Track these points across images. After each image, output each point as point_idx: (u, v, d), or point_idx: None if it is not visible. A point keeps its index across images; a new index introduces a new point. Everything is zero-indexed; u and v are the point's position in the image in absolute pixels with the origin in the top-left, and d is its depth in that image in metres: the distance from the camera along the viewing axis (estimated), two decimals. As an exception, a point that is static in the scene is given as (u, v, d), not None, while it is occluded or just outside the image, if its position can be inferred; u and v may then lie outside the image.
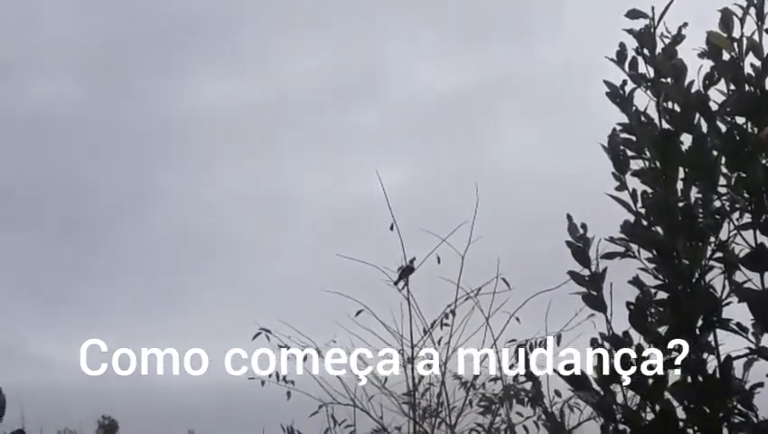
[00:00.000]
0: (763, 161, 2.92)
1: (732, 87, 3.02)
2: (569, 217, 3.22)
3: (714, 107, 3.05)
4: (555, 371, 3.03)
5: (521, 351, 4.14)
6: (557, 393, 5.52)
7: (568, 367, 2.99)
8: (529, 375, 3.46)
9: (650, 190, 3.12)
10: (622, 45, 3.18)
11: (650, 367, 2.96)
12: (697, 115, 3.05)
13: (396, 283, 6.39)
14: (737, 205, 3.01)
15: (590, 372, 3.10)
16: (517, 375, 5.98)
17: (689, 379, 2.99)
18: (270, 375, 6.66)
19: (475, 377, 6.33)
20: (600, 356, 2.99)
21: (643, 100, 3.16)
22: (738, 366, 3.01)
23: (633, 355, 2.98)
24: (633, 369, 2.96)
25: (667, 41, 3.12)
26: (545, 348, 6.04)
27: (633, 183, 3.18)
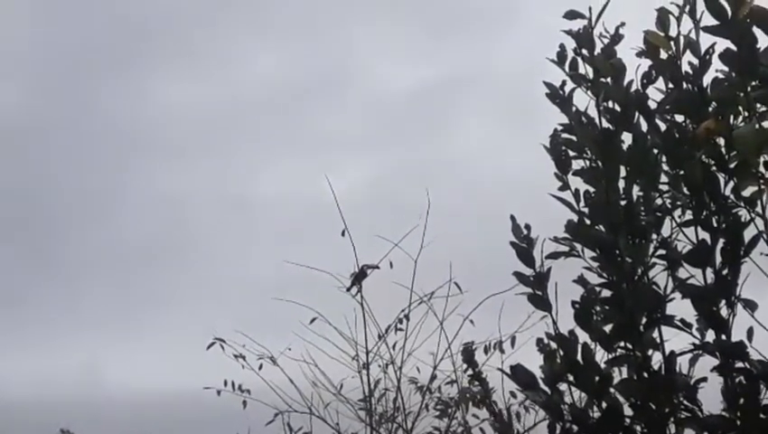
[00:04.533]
0: (702, 158, 2.95)
1: (670, 85, 3.05)
2: (513, 218, 3.23)
3: (653, 105, 3.07)
4: (501, 370, 3.03)
5: (471, 353, 4.16)
6: (513, 394, 5.57)
7: (514, 368, 3.00)
8: (476, 376, 3.47)
9: (592, 189, 3.14)
10: (561, 46, 3.20)
11: (596, 365, 2.97)
12: (637, 113, 3.08)
13: (348, 289, 6.39)
14: (678, 202, 3.04)
15: (538, 371, 3.11)
16: (472, 378, 5.99)
17: (635, 376, 3.01)
18: (226, 384, 6.64)
19: (431, 380, 6.33)
20: (546, 356, 3.00)
21: (584, 100, 3.18)
22: (683, 362, 3.04)
23: (579, 354, 2.99)
24: (580, 367, 2.97)
25: (606, 41, 3.15)
26: (500, 350, 6.08)
27: (576, 182, 3.20)
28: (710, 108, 2.94)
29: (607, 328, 3.06)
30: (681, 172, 3.00)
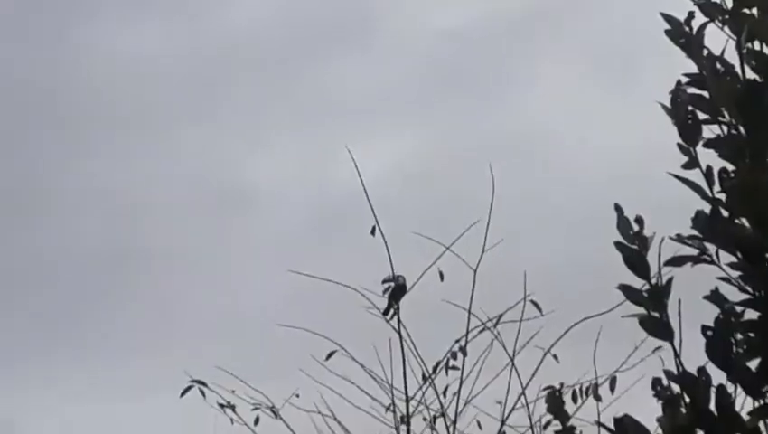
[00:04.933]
0: None
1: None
2: (618, 208, 3.22)
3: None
4: (600, 425, 3.03)
5: (558, 400, 4.14)
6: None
7: (619, 421, 2.99)
8: (567, 432, 3.47)
9: (731, 166, 3.12)
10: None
11: (736, 416, 2.96)
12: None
13: (385, 313, 6.40)
14: None
15: (653, 426, 3.11)
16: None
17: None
18: (208, 446, 6.67)
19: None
20: (666, 403, 2.99)
21: (720, 41, 3.16)
22: None
23: (713, 401, 2.97)
24: (714, 420, 2.96)
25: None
26: (595, 397, 6.07)
27: (708, 157, 3.18)
28: None
29: (753, 364, 3.04)
30: None
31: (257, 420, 6.54)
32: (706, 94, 3.16)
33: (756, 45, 3.12)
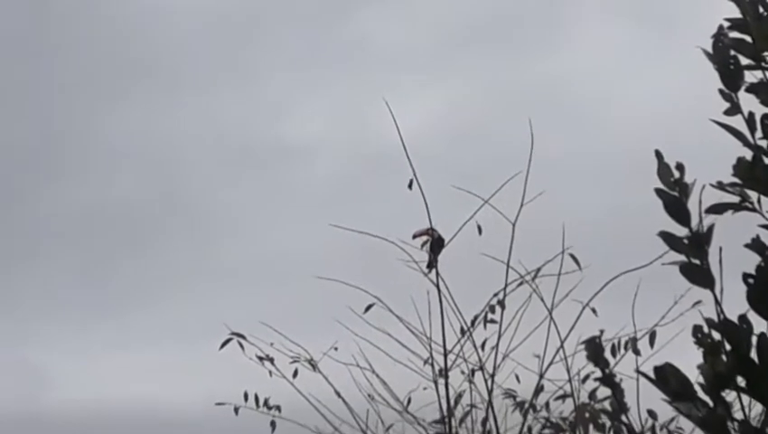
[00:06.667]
0: None
1: None
2: (658, 154, 3.18)
3: None
4: (640, 373, 3.00)
5: (598, 347, 4.09)
6: (651, 414, 5.52)
7: (660, 369, 2.95)
8: (607, 381, 3.44)
9: (774, 113, 3.08)
10: None
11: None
12: None
13: (428, 267, 6.40)
14: None
15: (693, 375, 3.08)
16: (594, 391, 5.97)
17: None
18: (247, 399, 6.69)
19: (536, 394, 6.32)
20: (706, 351, 2.96)
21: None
22: None
23: (754, 349, 2.94)
24: (755, 367, 2.93)
25: None
26: (634, 351, 6.04)
27: (751, 103, 3.14)
28: None
29: (795, 312, 3.01)
30: None
31: (295, 373, 6.56)
32: (748, 38, 3.11)
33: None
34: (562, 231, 6.15)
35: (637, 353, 6.00)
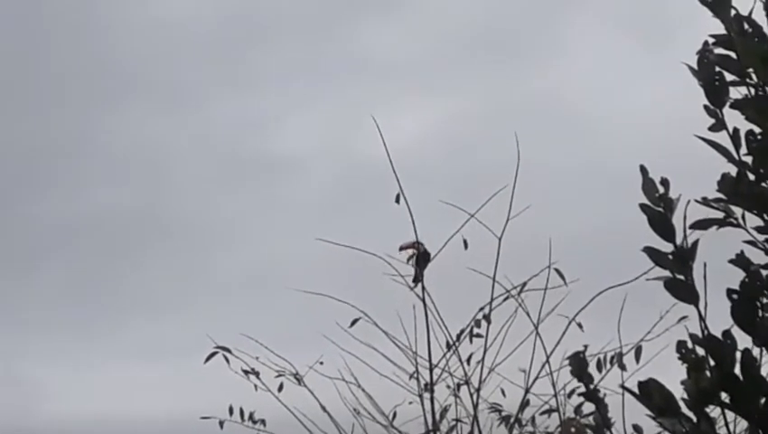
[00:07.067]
0: None
1: None
2: (643, 170, 3.18)
3: None
4: (625, 388, 3.00)
5: (583, 362, 4.10)
6: (637, 430, 5.52)
7: (644, 385, 2.96)
8: (591, 396, 3.43)
9: (758, 129, 3.08)
10: None
11: (761, 380, 2.93)
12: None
13: (414, 281, 6.40)
14: None
15: (678, 391, 3.08)
16: (580, 406, 5.97)
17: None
18: (232, 412, 6.68)
19: (521, 408, 6.32)
20: (690, 366, 2.96)
21: (747, 0, 3.12)
22: None
23: (738, 364, 2.94)
24: (738, 383, 2.93)
25: None
26: (620, 366, 6.04)
27: (735, 118, 3.14)
28: None
29: (779, 328, 3.01)
30: None
31: (280, 387, 6.56)
32: (733, 55, 3.12)
33: (785, 5, 3.07)
34: (548, 246, 6.16)
35: (623, 368, 5.99)
